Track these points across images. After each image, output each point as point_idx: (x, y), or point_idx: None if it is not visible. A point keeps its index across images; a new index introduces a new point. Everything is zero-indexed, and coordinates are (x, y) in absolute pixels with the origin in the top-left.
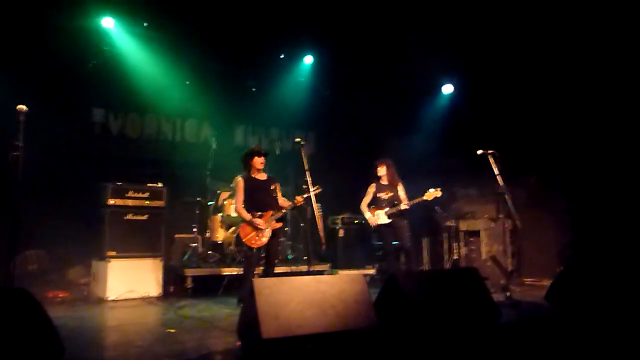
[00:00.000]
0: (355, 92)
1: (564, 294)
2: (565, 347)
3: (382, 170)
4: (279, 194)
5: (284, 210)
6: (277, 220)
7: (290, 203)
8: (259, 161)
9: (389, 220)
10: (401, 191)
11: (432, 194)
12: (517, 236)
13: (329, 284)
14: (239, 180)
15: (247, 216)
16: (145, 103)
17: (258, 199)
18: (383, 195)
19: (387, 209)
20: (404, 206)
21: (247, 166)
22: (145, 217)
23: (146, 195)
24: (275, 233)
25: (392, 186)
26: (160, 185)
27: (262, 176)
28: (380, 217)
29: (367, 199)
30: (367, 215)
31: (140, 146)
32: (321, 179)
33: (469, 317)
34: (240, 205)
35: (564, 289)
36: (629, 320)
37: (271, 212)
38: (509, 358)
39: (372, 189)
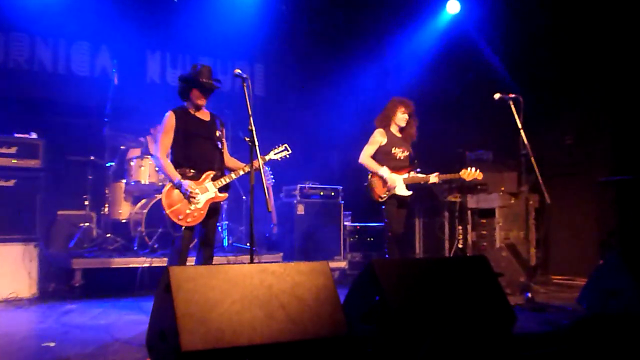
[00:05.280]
0: (322, 8)
1: (603, 295)
2: None
3: (400, 117)
4: (225, 147)
5: (234, 176)
6: (221, 190)
7: (244, 166)
8: (198, 95)
9: (409, 193)
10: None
11: (472, 174)
12: (544, 217)
13: (278, 276)
14: (168, 115)
15: (175, 174)
16: (10, 17)
17: (194, 149)
18: (399, 153)
19: (406, 174)
20: (433, 179)
21: (185, 95)
22: (11, 182)
23: (13, 150)
24: (214, 208)
25: (408, 143)
26: (34, 136)
27: (204, 115)
28: (397, 185)
29: (371, 149)
30: (385, 173)
31: (4, 79)
32: (273, 133)
33: (470, 321)
34: (164, 153)
35: (603, 289)
36: None
37: (212, 174)
38: None
39: (381, 136)
